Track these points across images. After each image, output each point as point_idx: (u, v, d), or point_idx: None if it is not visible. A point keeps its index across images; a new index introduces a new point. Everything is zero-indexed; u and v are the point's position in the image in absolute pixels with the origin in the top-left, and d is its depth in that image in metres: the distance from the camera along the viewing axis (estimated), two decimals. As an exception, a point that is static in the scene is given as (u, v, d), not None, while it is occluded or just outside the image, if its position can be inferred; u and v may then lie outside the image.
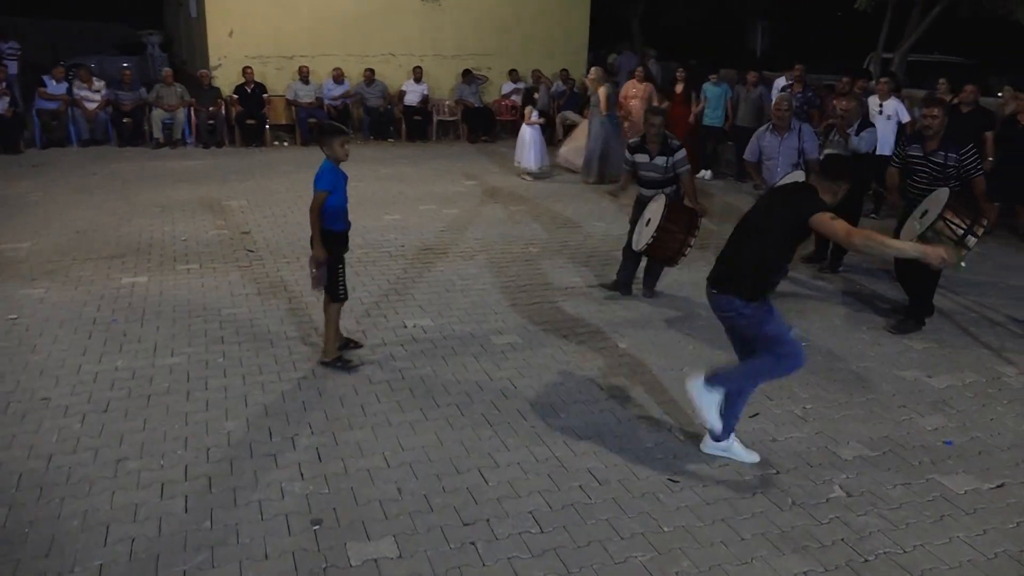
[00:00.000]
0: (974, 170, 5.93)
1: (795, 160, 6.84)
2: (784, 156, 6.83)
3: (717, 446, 4.39)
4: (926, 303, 6.30)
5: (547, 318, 6.33)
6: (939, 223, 5.54)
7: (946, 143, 5.98)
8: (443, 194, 10.58)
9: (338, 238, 5.19)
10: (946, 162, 5.93)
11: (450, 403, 4.90)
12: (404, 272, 7.34)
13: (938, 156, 5.97)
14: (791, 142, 6.79)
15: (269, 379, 5.13)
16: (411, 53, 15.27)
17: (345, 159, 5.10)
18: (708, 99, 12.08)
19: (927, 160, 6.03)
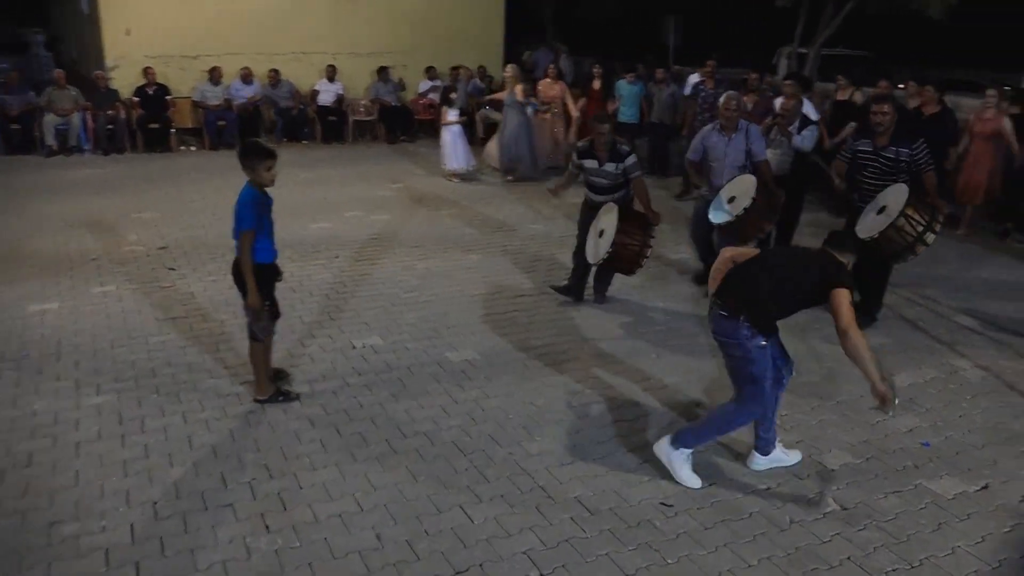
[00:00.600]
0: (926, 165, 5.95)
1: (742, 162, 6.68)
2: (731, 157, 6.67)
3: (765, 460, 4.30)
4: (878, 298, 6.32)
5: (502, 330, 6.05)
6: (900, 220, 5.54)
7: (897, 139, 5.98)
8: (369, 199, 10.15)
9: (266, 272, 4.62)
10: (898, 157, 5.93)
11: (417, 432, 4.56)
12: (343, 286, 6.92)
13: (889, 152, 5.97)
14: (738, 143, 6.65)
15: (213, 415, 4.67)
16: (323, 51, 14.66)
17: (271, 184, 4.52)
18: (623, 97, 11.96)
19: (878, 156, 6.02)
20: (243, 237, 4.42)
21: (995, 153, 8.99)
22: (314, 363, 5.41)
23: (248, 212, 4.42)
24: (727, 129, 6.63)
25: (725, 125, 6.63)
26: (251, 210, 4.43)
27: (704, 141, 6.79)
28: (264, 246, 4.55)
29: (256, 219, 4.45)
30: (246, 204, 4.43)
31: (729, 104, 6.59)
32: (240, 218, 4.42)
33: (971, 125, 9.11)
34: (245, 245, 4.44)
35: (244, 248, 4.44)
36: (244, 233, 4.42)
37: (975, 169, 9.03)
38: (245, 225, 4.41)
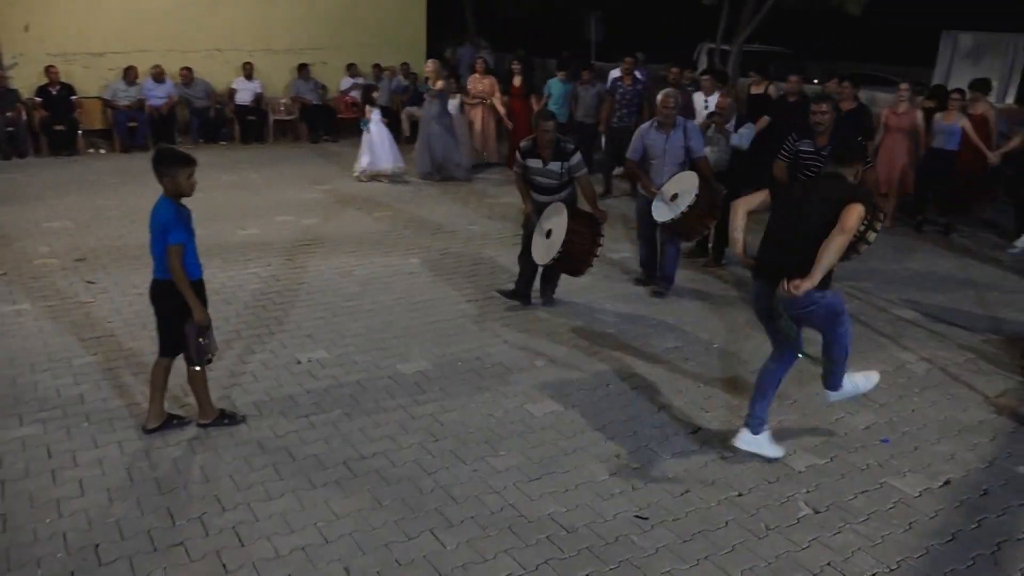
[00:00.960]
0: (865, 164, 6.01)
1: (682, 159, 6.66)
2: (670, 155, 6.64)
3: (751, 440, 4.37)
4: None
5: (452, 338, 5.86)
6: None
7: (835, 136, 6.03)
8: (297, 202, 9.78)
9: (196, 289, 4.24)
10: None
11: (376, 452, 4.34)
12: (280, 296, 6.60)
13: (828, 151, 6.00)
14: (677, 140, 6.63)
15: (153, 444, 4.35)
16: (239, 48, 14.09)
17: (191, 194, 4.18)
18: (552, 95, 11.85)
19: (818, 155, 6.07)
20: (173, 252, 4.06)
21: (910, 146, 9.26)
22: (258, 381, 5.12)
23: (176, 224, 4.08)
24: (665, 126, 6.59)
25: (663, 122, 6.59)
26: (177, 221, 4.09)
27: (643, 140, 6.73)
28: (191, 260, 4.21)
29: (185, 231, 4.13)
30: (170, 216, 4.07)
31: (667, 102, 6.55)
32: (165, 228, 4.06)
33: (885, 119, 9.35)
34: (176, 261, 4.07)
35: (176, 264, 4.08)
36: (174, 248, 4.06)
37: (891, 163, 9.28)
38: (175, 238, 4.06)
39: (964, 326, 6.36)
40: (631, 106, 10.67)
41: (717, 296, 6.96)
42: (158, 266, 4.20)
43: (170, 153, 4.20)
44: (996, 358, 5.84)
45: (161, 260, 4.15)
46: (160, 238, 4.09)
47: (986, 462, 4.46)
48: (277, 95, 14.35)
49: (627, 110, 10.67)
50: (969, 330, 6.29)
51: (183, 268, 4.11)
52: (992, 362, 5.76)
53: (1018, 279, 7.66)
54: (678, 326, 6.25)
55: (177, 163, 4.11)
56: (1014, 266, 8.06)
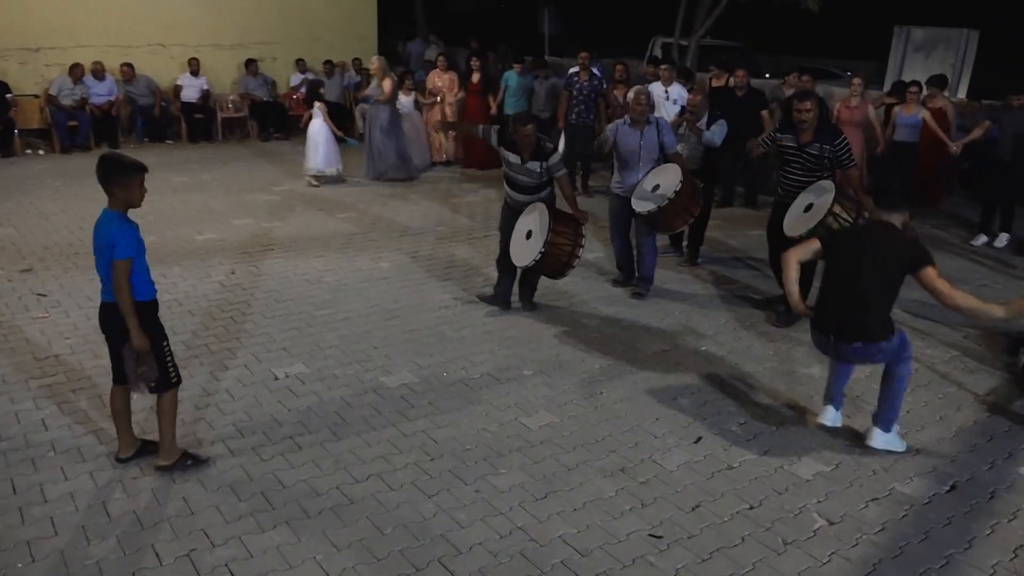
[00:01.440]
0: (848, 160, 5.97)
1: (656, 156, 6.57)
2: (645, 151, 6.53)
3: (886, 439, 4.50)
4: (806, 289, 6.28)
5: (434, 347, 5.64)
6: (828, 217, 5.53)
7: (820, 134, 5.97)
8: (255, 204, 9.41)
9: (151, 309, 3.88)
10: (821, 153, 5.93)
11: (370, 474, 4.11)
12: (247, 306, 6.29)
13: (813, 148, 5.95)
14: (651, 136, 6.52)
15: (127, 474, 4.04)
16: (184, 43, 13.57)
17: (140, 204, 3.79)
18: (510, 88, 11.64)
19: (801, 152, 6.00)
20: (119, 268, 3.66)
21: (862, 140, 9.34)
22: (234, 399, 4.83)
23: (124, 237, 3.68)
24: (638, 124, 6.49)
25: (636, 120, 6.48)
26: (126, 235, 3.70)
27: (616, 136, 6.61)
28: (143, 279, 3.81)
29: (134, 245, 3.72)
30: (117, 229, 3.68)
31: (639, 99, 6.44)
32: (113, 241, 3.66)
33: (838, 113, 9.43)
34: (123, 278, 3.67)
35: (122, 281, 3.67)
36: (121, 263, 3.66)
37: None
38: (122, 252, 3.65)
39: (942, 321, 6.37)
40: (588, 102, 10.52)
41: (698, 296, 6.87)
42: (107, 287, 3.79)
43: (119, 160, 3.78)
44: (980, 355, 5.85)
45: (109, 280, 3.74)
46: (106, 255, 3.70)
47: (988, 463, 4.43)
48: (225, 92, 13.88)
49: (584, 106, 10.51)
50: (948, 325, 6.30)
51: (130, 286, 3.70)
52: (977, 359, 5.78)
53: (987, 271, 7.74)
54: (663, 328, 6.14)
55: (130, 170, 3.73)
56: (981, 259, 8.15)
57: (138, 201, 3.79)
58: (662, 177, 6.34)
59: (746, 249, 8.21)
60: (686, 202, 6.22)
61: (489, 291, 6.57)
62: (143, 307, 3.79)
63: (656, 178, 6.40)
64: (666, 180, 6.28)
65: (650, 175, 6.48)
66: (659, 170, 6.48)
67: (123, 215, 3.76)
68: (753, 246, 8.31)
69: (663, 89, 9.99)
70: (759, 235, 8.66)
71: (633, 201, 6.39)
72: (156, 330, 3.89)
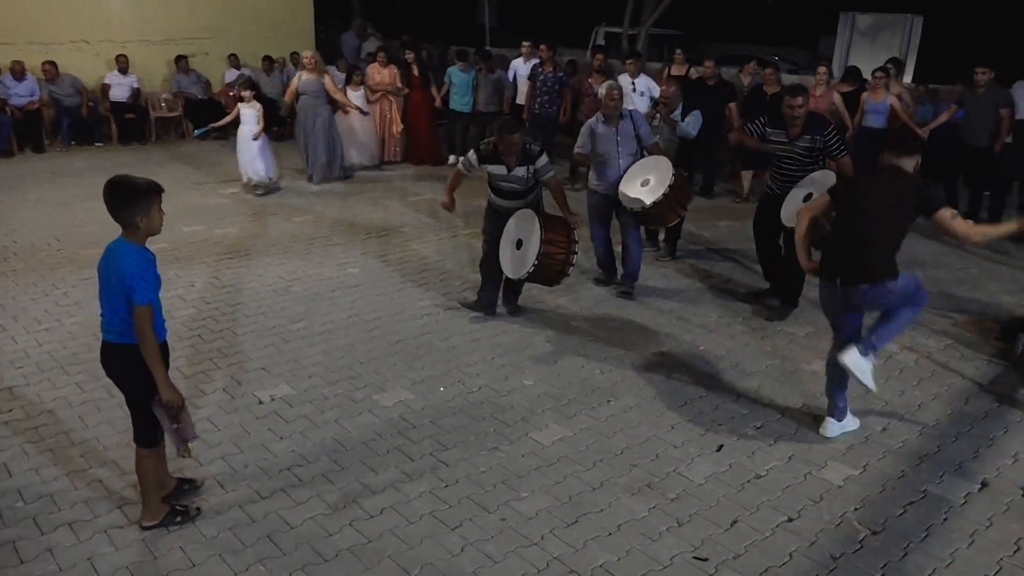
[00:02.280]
0: (838, 151, 5.84)
1: (635, 149, 6.36)
2: (624, 146, 6.31)
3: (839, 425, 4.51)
4: (800, 283, 6.15)
5: (424, 359, 5.31)
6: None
7: (809, 126, 5.81)
8: (204, 209, 8.87)
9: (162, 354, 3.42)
10: (814, 145, 5.79)
11: (383, 507, 3.78)
12: (215, 322, 5.84)
13: (804, 140, 5.77)
14: (627, 131, 6.31)
15: (112, 520, 3.62)
16: (110, 39, 12.80)
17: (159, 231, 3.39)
18: (455, 84, 11.30)
19: (793, 146, 5.82)
20: (142, 315, 3.20)
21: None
22: (219, 428, 4.42)
23: (144, 276, 3.22)
24: (612, 119, 6.29)
25: (610, 115, 6.27)
26: (147, 273, 3.24)
27: (592, 135, 6.38)
28: (158, 321, 3.35)
29: (154, 285, 3.28)
30: (136, 266, 3.21)
31: (612, 94, 6.24)
32: (132, 287, 3.18)
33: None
34: (147, 326, 3.22)
35: (146, 329, 3.22)
36: (142, 309, 3.19)
37: None
38: (142, 296, 3.19)
39: (931, 308, 6.32)
40: (552, 93, 10.36)
41: (685, 292, 6.69)
42: (110, 325, 3.34)
43: (133, 184, 3.28)
44: (972, 342, 5.82)
45: (115, 319, 3.30)
46: (117, 292, 3.23)
47: (1010, 457, 4.35)
48: (156, 90, 13.15)
49: (548, 96, 10.35)
50: (937, 312, 6.26)
51: (153, 333, 3.25)
52: (970, 347, 5.75)
53: (958, 256, 7.77)
54: (656, 328, 5.94)
55: (148, 194, 3.26)
56: (954, 244, 8.19)
57: (159, 227, 3.34)
58: (652, 171, 6.14)
59: (720, 240, 8.08)
60: (678, 195, 6.04)
61: (471, 296, 6.27)
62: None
63: (644, 172, 6.19)
64: (657, 174, 6.08)
65: (636, 169, 6.26)
66: (645, 163, 6.28)
67: (142, 248, 3.29)
68: (726, 237, 8.20)
69: (630, 81, 9.85)
70: (728, 226, 8.62)
71: (622, 197, 6.17)
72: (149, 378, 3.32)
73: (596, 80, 9.93)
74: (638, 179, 6.18)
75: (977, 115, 8.42)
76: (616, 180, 6.31)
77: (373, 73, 11.36)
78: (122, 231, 3.29)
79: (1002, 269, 7.47)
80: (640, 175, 6.19)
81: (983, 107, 8.35)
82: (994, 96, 8.35)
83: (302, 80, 10.18)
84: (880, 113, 8.86)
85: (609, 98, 6.27)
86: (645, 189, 6.10)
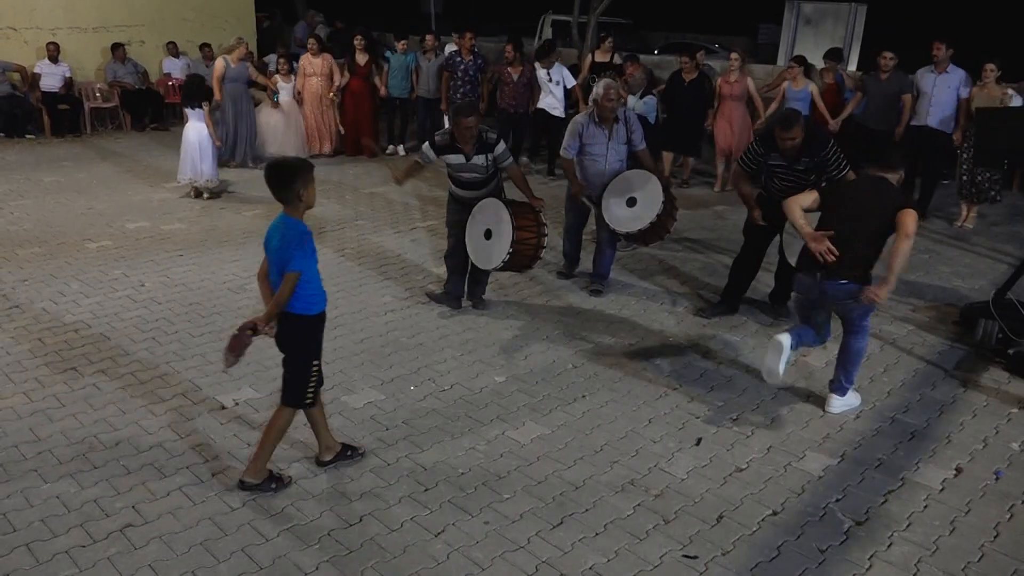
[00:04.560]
0: (838, 168, 5.35)
1: (624, 155, 6.16)
2: (613, 151, 6.09)
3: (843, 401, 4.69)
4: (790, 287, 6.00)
5: (392, 358, 5.17)
6: None
7: (808, 148, 5.39)
8: (147, 204, 8.52)
9: (319, 322, 3.79)
10: (812, 164, 5.41)
11: (363, 515, 3.63)
12: (168, 323, 5.59)
13: (802, 164, 5.45)
14: (620, 134, 6.09)
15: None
16: (38, 26, 12.24)
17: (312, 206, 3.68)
18: (392, 68, 11.05)
19: (791, 171, 5.50)
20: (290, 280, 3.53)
21: (744, 113, 9.52)
22: (181, 437, 4.21)
23: (303, 245, 3.57)
24: (606, 121, 6.07)
25: (605, 117, 6.05)
26: (306, 242, 3.58)
27: (581, 135, 6.12)
28: (317, 290, 3.73)
29: (312, 256, 3.63)
30: (296, 236, 3.55)
31: (609, 94, 5.92)
32: (290, 255, 3.52)
33: (719, 88, 9.58)
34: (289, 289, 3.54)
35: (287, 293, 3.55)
36: (293, 275, 3.53)
37: (727, 129, 9.50)
38: (299, 264, 3.53)
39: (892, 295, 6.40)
40: (473, 83, 10.20)
41: (648, 282, 6.66)
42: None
43: (294, 164, 3.64)
44: (932, 327, 5.91)
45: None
46: (279, 262, 3.55)
47: (980, 441, 4.42)
48: (90, 80, 12.62)
49: (470, 87, 10.18)
50: (895, 299, 6.34)
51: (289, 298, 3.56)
52: (931, 332, 5.83)
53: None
54: (625, 319, 5.89)
55: (302, 171, 3.59)
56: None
57: (312, 202, 3.68)
58: (639, 190, 5.93)
59: (680, 229, 8.04)
60: (666, 220, 5.89)
61: (435, 288, 6.13)
62: (315, 320, 3.72)
63: (631, 188, 5.98)
64: (644, 195, 5.89)
65: (623, 181, 6.03)
66: (634, 177, 6.02)
67: (300, 222, 3.62)
68: (685, 226, 8.18)
69: (545, 72, 9.82)
70: (687, 214, 8.60)
71: (607, 216, 6.01)
72: (315, 346, 3.78)
73: (515, 70, 9.88)
74: (624, 193, 5.98)
75: (880, 101, 8.64)
76: (601, 185, 6.10)
77: (305, 64, 10.84)
78: (283, 207, 3.61)
79: (952, 252, 7.64)
80: (626, 189, 5.98)
81: (886, 92, 8.59)
82: (897, 82, 8.62)
83: (230, 68, 9.97)
84: (802, 100, 9.06)
85: (607, 99, 5.96)
86: (631, 211, 5.91)
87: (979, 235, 8.21)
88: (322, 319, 3.78)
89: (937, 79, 8.25)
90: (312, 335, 3.74)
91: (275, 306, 3.56)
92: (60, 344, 5.19)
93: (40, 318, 5.58)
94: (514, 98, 9.96)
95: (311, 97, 10.84)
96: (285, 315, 3.61)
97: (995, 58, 8.11)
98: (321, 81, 10.77)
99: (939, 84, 8.23)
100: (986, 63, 8.09)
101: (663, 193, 5.83)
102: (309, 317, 3.68)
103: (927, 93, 8.31)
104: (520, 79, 9.94)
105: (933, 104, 8.27)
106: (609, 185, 6.05)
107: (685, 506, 3.78)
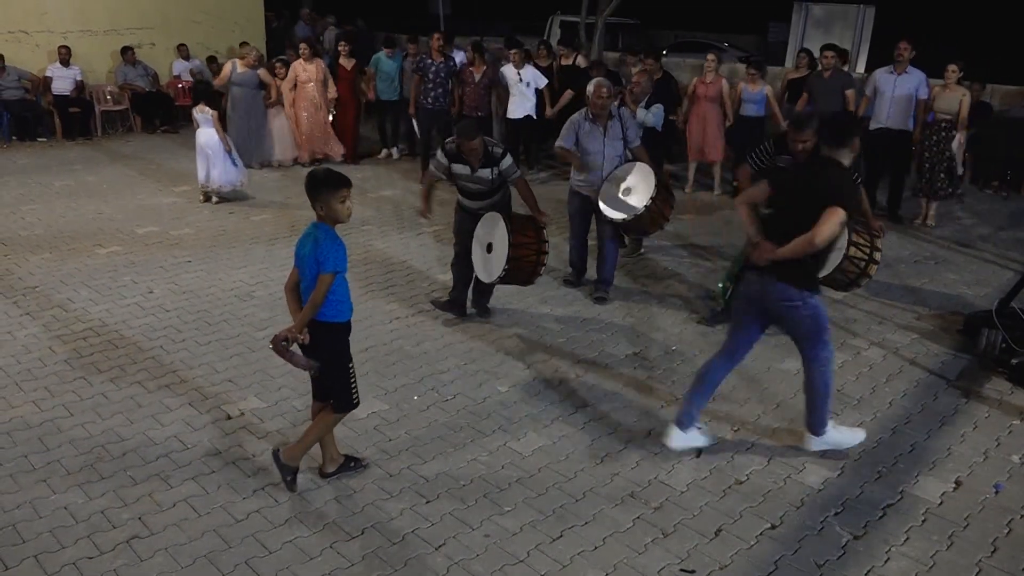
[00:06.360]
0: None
1: (621, 151, 6.21)
2: (610, 148, 6.14)
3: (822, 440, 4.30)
4: None
5: (396, 367, 5.22)
6: (852, 249, 5.02)
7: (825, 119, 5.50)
8: (156, 209, 8.60)
9: (346, 330, 3.87)
10: None
11: (364, 527, 3.68)
12: (176, 331, 5.65)
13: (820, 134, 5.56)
14: (616, 131, 6.14)
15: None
16: (50, 30, 12.34)
17: (346, 220, 3.76)
18: (380, 71, 10.97)
19: None
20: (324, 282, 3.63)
21: (718, 114, 9.52)
22: (188, 447, 4.27)
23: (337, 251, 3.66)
24: (601, 118, 6.13)
25: (599, 114, 6.11)
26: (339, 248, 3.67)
27: (577, 132, 6.20)
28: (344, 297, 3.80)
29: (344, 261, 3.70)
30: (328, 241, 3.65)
31: (600, 92, 6.05)
32: (326, 258, 3.61)
33: (694, 88, 9.60)
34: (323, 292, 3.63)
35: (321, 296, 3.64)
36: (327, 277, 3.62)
37: (701, 130, 9.51)
38: (332, 266, 3.63)
39: (896, 303, 6.43)
40: (445, 85, 10.04)
41: (653, 290, 6.69)
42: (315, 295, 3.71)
43: (323, 176, 3.71)
44: (936, 335, 5.92)
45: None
46: (313, 268, 3.64)
47: (981, 454, 4.43)
48: (101, 82, 12.72)
49: (442, 89, 10.02)
50: (900, 306, 6.35)
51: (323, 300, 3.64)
52: (935, 341, 5.84)
53: (917, 247, 7.90)
54: (627, 328, 5.92)
55: (336, 185, 3.67)
56: (913, 235, 8.32)
57: (344, 216, 3.74)
58: (633, 178, 6.00)
59: (684, 235, 8.10)
60: (661, 207, 5.95)
61: (441, 296, 6.18)
62: (344, 327, 3.82)
63: (626, 178, 6.04)
64: (638, 183, 5.94)
65: (618, 173, 6.10)
66: (628, 168, 6.09)
67: (332, 230, 3.71)
68: (689, 231, 8.21)
69: (515, 72, 9.83)
70: (690, 219, 8.63)
71: (603, 208, 6.06)
72: (346, 347, 3.86)
73: (477, 70, 9.93)
74: (620, 185, 6.04)
75: (824, 98, 8.64)
76: (599, 182, 6.16)
77: (298, 70, 10.56)
78: (316, 216, 3.71)
79: (959, 259, 7.62)
80: (622, 181, 6.05)
81: (830, 90, 8.64)
82: (839, 79, 8.72)
83: (236, 72, 10.02)
84: (757, 103, 9.11)
85: (597, 96, 6.05)
86: (626, 199, 5.97)
87: (986, 241, 8.19)
88: (348, 328, 3.86)
89: (897, 80, 8.31)
90: (342, 339, 3.83)
91: (311, 309, 3.65)
92: (70, 352, 5.27)
93: (51, 326, 5.66)
94: (474, 99, 9.99)
95: (308, 104, 10.60)
96: (315, 324, 3.69)
97: (958, 59, 8.19)
98: (316, 87, 10.58)
99: (898, 85, 8.29)
100: (948, 64, 8.13)
101: (655, 178, 5.90)
102: (339, 324, 3.78)
103: (885, 94, 8.36)
104: (482, 79, 9.97)
105: (892, 105, 8.32)
106: (605, 180, 6.11)
107: (684, 519, 3.81)
